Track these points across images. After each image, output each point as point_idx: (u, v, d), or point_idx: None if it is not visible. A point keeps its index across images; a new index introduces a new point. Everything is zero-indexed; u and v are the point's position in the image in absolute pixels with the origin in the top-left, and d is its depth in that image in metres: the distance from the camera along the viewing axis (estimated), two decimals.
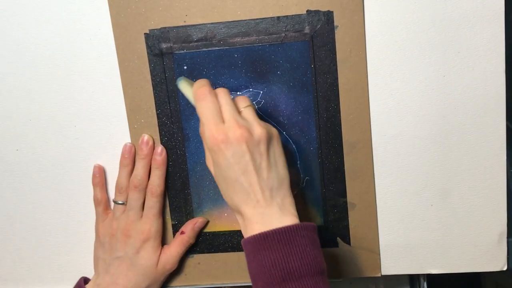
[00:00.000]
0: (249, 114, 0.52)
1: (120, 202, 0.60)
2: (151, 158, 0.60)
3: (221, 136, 0.49)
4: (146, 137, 0.59)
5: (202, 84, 0.53)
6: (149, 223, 0.59)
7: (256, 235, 0.49)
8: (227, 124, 0.50)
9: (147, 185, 0.59)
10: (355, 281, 0.73)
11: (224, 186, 0.51)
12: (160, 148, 0.60)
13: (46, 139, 0.62)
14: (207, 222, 0.62)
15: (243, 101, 0.53)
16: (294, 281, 0.47)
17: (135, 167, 0.60)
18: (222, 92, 0.52)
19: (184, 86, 0.55)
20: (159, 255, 0.60)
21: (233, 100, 0.53)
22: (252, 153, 0.50)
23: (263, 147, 0.50)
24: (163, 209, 0.61)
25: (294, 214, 0.51)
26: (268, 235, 0.48)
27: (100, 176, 0.61)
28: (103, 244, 0.61)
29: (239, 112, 0.52)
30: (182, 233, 0.61)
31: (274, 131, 0.52)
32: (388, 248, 0.61)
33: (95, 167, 0.61)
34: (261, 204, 0.50)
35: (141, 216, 0.60)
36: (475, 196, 0.59)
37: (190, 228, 0.61)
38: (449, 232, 0.60)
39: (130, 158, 0.60)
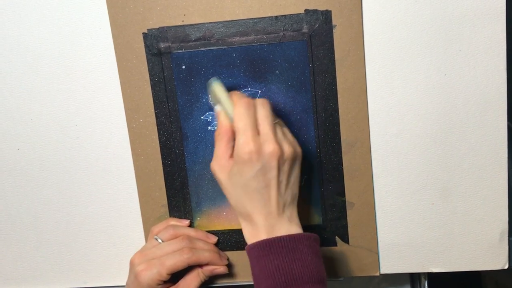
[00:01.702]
0: (280, 129, 0.53)
1: (160, 239, 0.60)
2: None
3: (256, 148, 0.50)
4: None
5: (242, 94, 0.54)
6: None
7: (262, 241, 0.51)
8: (263, 137, 0.51)
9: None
10: (356, 280, 0.73)
11: (239, 192, 0.52)
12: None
13: (47, 138, 0.62)
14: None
15: (271, 115, 0.53)
16: (296, 287, 0.49)
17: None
18: (263, 103, 0.53)
19: (218, 88, 0.54)
20: None
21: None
22: (279, 169, 0.51)
23: (287, 166, 0.52)
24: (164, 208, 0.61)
25: (299, 225, 0.54)
26: (273, 241, 0.51)
27: None
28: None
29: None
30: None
31: (299, 151, 0.54)
32: (388, 247, 0.61)
33: None
34: (273, 216, 0.52)
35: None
36: (476, 195, 0.59)
37: (209, 270, 0.60)
38: (450, 231, 0.60)
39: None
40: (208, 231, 0.62)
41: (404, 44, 0.56)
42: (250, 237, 0.53)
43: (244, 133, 0.51)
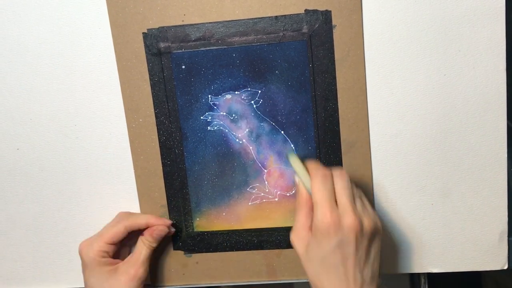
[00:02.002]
0: (360, 201, 0.52)
1: None
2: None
3: (333, 220, 0.49)
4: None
5: (319, 165, 0.53)
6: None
7: None
8: (342, 208, 0.50)
9: None
10: None
11: (316, 267, 0.51)
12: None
13: (46, 138, 0.62)
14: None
15: (350, 186, 0.53)
16: None
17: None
18: (341, 175, 0.52)
19: (294, 160, 0.54)
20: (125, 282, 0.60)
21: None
22: (357, 244, 0.50)
23: (366, 241, 0.50)
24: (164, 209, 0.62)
25: None
26: None
27: None
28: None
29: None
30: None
31: (380, 225, 0.52)
32: (388, 247, 0.61)
33: None
34: None
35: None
36: (475, 195, 0.59)
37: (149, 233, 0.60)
38: (449, 231, 0.60)
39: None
40: (208, 232, 0.62)
41: (403, 44, 0.56)
42: None
43: (322, 205, 0.50)
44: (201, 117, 0.59)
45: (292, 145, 0.59)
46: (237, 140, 0.59)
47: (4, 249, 0.64)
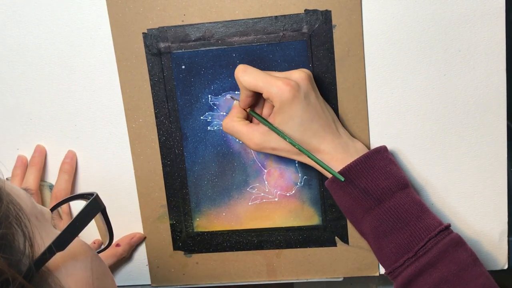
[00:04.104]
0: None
1: None
2: (42, 166, 0.61)
3: (290, 84, 0.51)
4: (39, 146, 0.62)
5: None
6: None
7: (341, 170, 0.52)
8: (280, 75, 0.53)
9: (37, 192, 0.60)
10: (356, 280, 0.72)
11: (299, 133, 0.53)
12: (71, 153, 0.61)
13: (46, 139, 0.62)
14: (144, 238, 0.63)
15: None
16: (388, 200, 0.52)
17: (25, 175, 0.61)
18: (245, 66, 0.54)
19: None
20: None
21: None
22: (313, 90, 0.53)
23: (313, 85, 0.54)
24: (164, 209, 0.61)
25: (356, 139, 0.56)
26: (351, 167, 0.52)
27: None
28: None
29: None
30: (118, 245, 0.62)
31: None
32: None
33: None
34: (336, 136, 0.54)
35: None
36: (475, 195, 0.59)
37: (126, 242, 0.62)
38: None
39: (21, 168, 0.61)
40: (208, 232, 0.62)
41: (403, 44, 0.56)
42: (327, 167, 0.53)
43: (270, 82, 0.52)
44: (201, 117, 0.59)
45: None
46: (237, 140, 0.59)
47: None
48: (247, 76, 0.52)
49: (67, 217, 0.62)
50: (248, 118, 0.57)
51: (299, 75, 0.52)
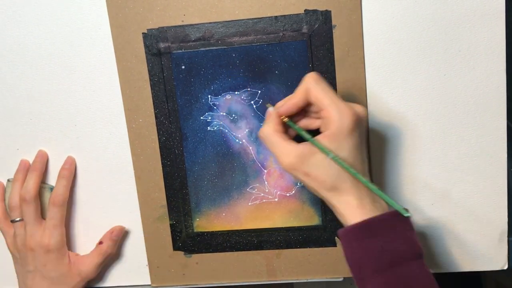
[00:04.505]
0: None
1: (16, 219, 0.61)
2: (43, 171, 0.61)
3: (357, 116, 0.48)
4: (41, 151, 0.62)
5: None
6: (49, 234, 0.60)
7: (359, 223, 0.48)
8: (346, 102, 0.49)
9: (36, 197, 0.60)
10: None
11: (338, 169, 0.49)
12: (70, 159, 0.62)
13: (46, 139, 0.62)
14: (125, 231, 0.64)
15: None
16: (401, 266, 0.48)
17: (26, 180, 0.61)
18: (316, 76, 0.50)
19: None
20: (69, 264, 0.61)
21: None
22: (365, 132, 0.50)
23: (365, 126, 0.50)
24: (166, 210, 0.62)
25: (378, 199, 0.51)
26: (371, 223, 0.48)
27: None
28: (16, 259, 0.62)
29: None
30: (101, 243, 0.62)
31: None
32: None
33: None
34: (360, 187, 0.49)
35: (43, 228, 0.60)
36: (475, 195, 0.59)
37: (108, 238, 0.62)
38: (449, 232, 0.60)
39: (23, 173, 0.61)
40: (207, 232, 0.62)
41: (403, 44, 0.56)
42: (343, 217, 0.50)
43: (338, 104, 0.48)
44: (201, 117, 0.59)
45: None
46: (237, 140, 0.59)
47: (4, 249, 0.64)
48: (319, 87, 0.48)
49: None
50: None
51: (363, 111, 0.49)
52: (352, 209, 0.49)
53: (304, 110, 0.51)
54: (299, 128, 0.51)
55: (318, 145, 0.48)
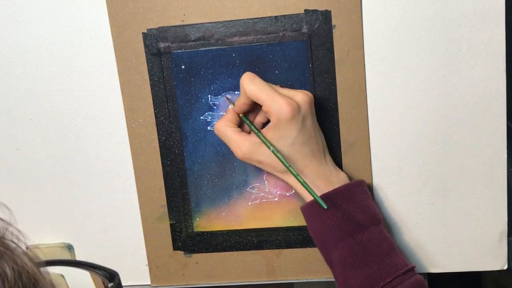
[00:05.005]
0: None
1: None
2: None
3: (292, 105, 0.51)
4: None
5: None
6: None
7: (320, 196, 0.53)
8: (285, 93, 0.53)
9: None
10: None
11: (288, 153, 0.53)
12: None
13: (46, 138, 0.62)
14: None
15: None
16: (362, 232, 0.53)
17: None
18: (251, 75, 0.54)
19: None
20: None
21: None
22: (312, 115, 0.54)
23: (312, 109, 0.54)
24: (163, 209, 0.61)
25: (340, 169, 0.57)
26: (331, 195, 0.54)
27: None
28: None
29: None
30: None
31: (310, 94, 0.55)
32: None
33: None
34: (321, 162, 0.55)
35: None
36: (475, 195, 0.59)
37: None
38: (449, 231, 0.60)
39: None
40: (207, 232, 0.62)
41: (403, 45, 0.56)
42: (305, 192, 0.54)
43: (273, 98, 0.52)
44: (201, 117, 0.59)
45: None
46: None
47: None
48: (253, 85, 0.53)
49: None
50: (240, 125, 0.57)
51: (302, 98, 0.52)
52: (317, 182, 0.54)
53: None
54: (250, 122, 0.55)
55: (262, 138, 0.53)
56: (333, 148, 0.58)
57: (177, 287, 0.64)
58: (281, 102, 0.51)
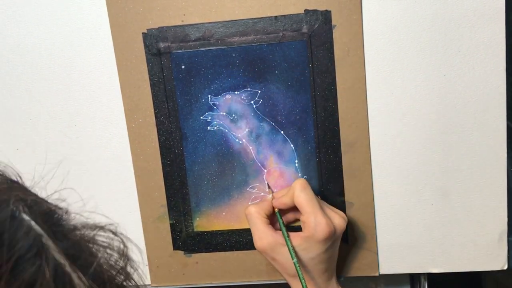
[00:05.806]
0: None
1: None
2: None
3: (329, 226, 0.53)
4: None
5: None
6: None
7: None
8: (328, 212, 0.55)
9: None
10: (356, 280, 0.72)
11: (305, 263, 0.55)
12: None
13: (46, 139, 0.62)
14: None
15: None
16: None
17: None
18: (304, 183, 0.56)
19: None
20: None
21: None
22: (340, 242, 0.57)
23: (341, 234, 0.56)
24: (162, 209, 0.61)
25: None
26: None
27: None
28: None
29: None
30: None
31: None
32: (388, 247, 0.61)
33: None
34: (330, 279, 0.56)
35: None
36: (475, 195, 0.59)
37: None
38: (449, 231, 0.60)
39: None
40: (208, 232, 0.62)
41: (403, 45, 0.56)
42: None
43: (316, 214, 0.53)
44: (201, 117, 0.59)
45: (292, 145, 0.59)
46: (237, 140, 0.59)
47: None
48: (303, 195, 0.55)
49: None
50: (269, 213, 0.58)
51: (339, 223, 0.54)
52: None
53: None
54: (282, 222, 0.56)
55: (289, 245, 0.54)
56: (333, 148, 0.58)
57: (177, 287, 0.64)
58: (322, 222, 0.53)
